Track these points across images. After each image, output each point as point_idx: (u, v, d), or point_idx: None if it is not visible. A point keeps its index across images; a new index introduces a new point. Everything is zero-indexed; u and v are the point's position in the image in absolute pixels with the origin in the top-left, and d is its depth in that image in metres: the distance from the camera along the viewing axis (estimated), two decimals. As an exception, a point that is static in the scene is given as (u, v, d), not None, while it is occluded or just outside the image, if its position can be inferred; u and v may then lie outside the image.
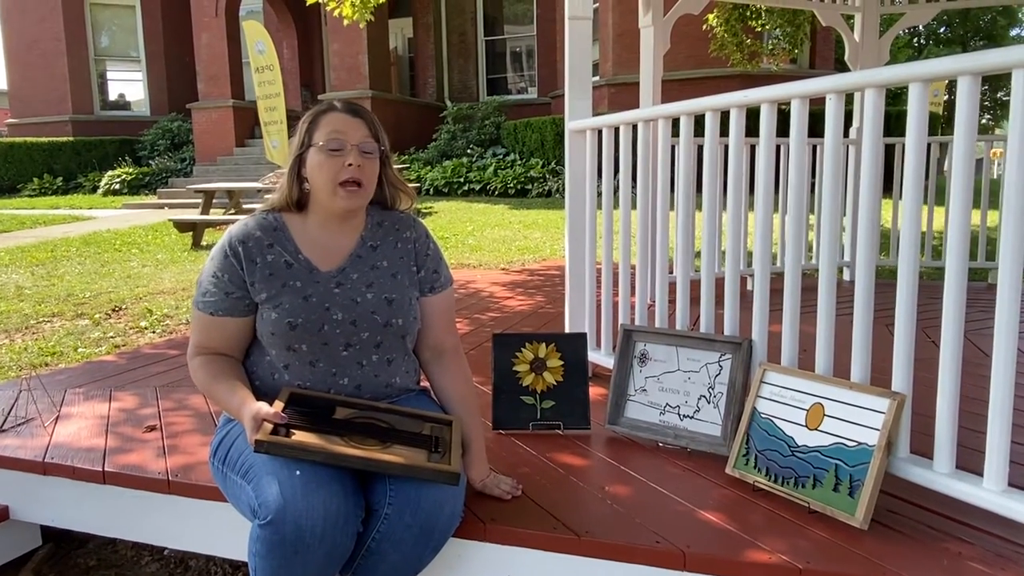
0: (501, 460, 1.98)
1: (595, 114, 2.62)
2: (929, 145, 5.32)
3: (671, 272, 3.70)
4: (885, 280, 2.80)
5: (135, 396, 2.63)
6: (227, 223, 8.44)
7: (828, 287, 1.78)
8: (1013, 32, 27.58)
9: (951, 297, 1.50)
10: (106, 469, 1.98)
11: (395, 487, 1.49)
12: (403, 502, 1.48)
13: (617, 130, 2.46)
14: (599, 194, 2.54)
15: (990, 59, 1.39)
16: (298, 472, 1.44)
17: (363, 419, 1.60)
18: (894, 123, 10.39)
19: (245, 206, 9.19)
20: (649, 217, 2.82)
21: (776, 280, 2.24)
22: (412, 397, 1.77)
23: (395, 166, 1.77)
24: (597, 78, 13.02)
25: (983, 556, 1.46)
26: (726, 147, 3.56)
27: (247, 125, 14.71)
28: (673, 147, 2.89)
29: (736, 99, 1.96)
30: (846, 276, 4.69)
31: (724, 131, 2.14)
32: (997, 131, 26.36)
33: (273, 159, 10.01)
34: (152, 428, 2.29)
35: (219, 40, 14.34)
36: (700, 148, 2.87)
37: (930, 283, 3.47)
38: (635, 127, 2.40)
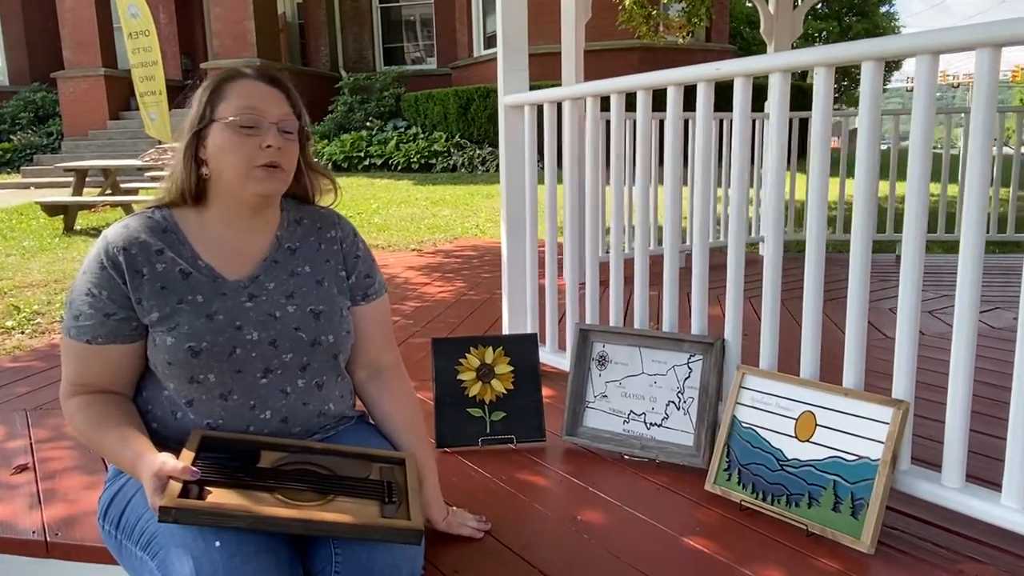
0: (452, 488, 1.72)
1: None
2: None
3: (603, 253, 3.52)
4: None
5: (-2, 424, 2.19)
6: (103, 204, 7.69)
7: (816, 279, 1.61)
8: (883, 9, 29.04)
9: (965, 287, 1.34)
10: (-40, 530, 1.59)
11: (342, 550, 1.21)
12: (352, 569, 1.19)
13: (560, 106, 2.21)
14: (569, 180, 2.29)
15: (892, 45, 1.41)
16: (217, 543, 1.13)
17: (296, 465, 1.30)
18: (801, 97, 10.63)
19: (123, 185, 8.39)
20: (590, 196, 2.61)
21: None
22: (351, 428, 1.48)
23: None
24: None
25: (1002, 579, 1.33)
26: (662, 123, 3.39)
27: (122, 96, 13.54)
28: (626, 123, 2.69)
29: (690, 75, 1.78)
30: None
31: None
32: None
33: (152, 133, 9.20)
34: (23, 468, 1.89)
35: (86, 3, 13.07)
36: (661, 123, 2.75)
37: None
38: (585, 103, 2.16)
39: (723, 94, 1.64)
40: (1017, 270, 4.09)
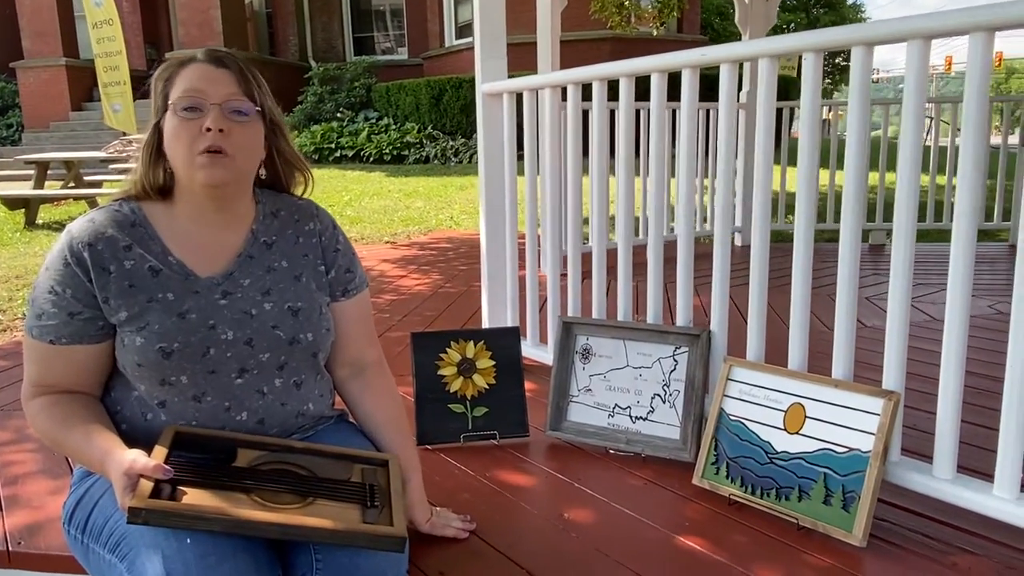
0: (435, 486, 1.67)
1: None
2: (781, 110, 5.42)
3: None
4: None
5: (-43, 427, 2.09)
6: (65, 197, 7.49)
7: (804, 269, 1.58)
8: (850, 1, 29.33)
9: (958, 278, 1.32)
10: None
11: (323, 556, 1.16)
12: (334, 575, 1.15)
13: (538, 94, 2.17)
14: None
15: (882, 30, 1.38)
16: (189, 541, 1.08)
17: (274, 464, 1.24)
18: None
19: (87, 178, 8.18)
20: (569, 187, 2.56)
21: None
22: (331, 427, 1.43)
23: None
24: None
25: (995, 571, 1.32)
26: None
27: (84, 87, 13.18)
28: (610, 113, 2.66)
29: (676, 60, 1.74)
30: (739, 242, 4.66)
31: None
32: (836, 95, 28.10)
33: (115, 125, 8.98)
34: (-19, 473, 1.80)
35: (45, -11, 12.71)
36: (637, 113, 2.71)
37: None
38: (564, 90, 2.11)
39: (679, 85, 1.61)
40: (984, 259, 4.13)
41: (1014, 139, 4.92)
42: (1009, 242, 4.78)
